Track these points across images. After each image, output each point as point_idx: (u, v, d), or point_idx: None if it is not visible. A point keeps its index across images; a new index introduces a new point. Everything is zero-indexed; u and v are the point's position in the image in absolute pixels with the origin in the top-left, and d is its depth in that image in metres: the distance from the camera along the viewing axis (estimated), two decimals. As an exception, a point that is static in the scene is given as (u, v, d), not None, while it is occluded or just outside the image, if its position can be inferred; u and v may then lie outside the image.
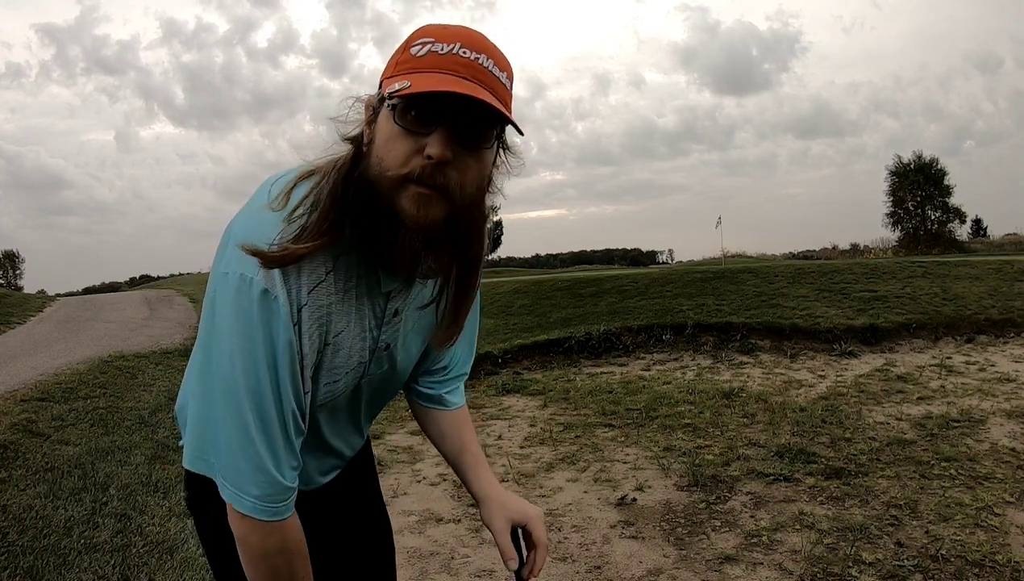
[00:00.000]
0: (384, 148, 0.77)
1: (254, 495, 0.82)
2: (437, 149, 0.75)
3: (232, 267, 0.79)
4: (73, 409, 5.11)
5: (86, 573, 2.61)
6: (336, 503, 1.10)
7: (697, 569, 2.66)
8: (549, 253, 71.92)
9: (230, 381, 0.80)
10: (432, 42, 0.77)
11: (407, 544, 3.02)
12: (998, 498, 3.11)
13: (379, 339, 0.93)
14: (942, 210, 32.66)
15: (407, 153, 0.76)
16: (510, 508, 1.02)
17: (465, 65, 0.76)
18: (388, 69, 0.80)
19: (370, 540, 1.20)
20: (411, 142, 0.76)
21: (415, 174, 0.76)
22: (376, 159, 0.78)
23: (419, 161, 0.76)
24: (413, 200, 0.77)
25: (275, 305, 0.78)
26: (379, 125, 0.79)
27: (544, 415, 5.24)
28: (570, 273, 17.63)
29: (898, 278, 9.01)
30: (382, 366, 0.97)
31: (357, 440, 1.11)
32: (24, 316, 12.32)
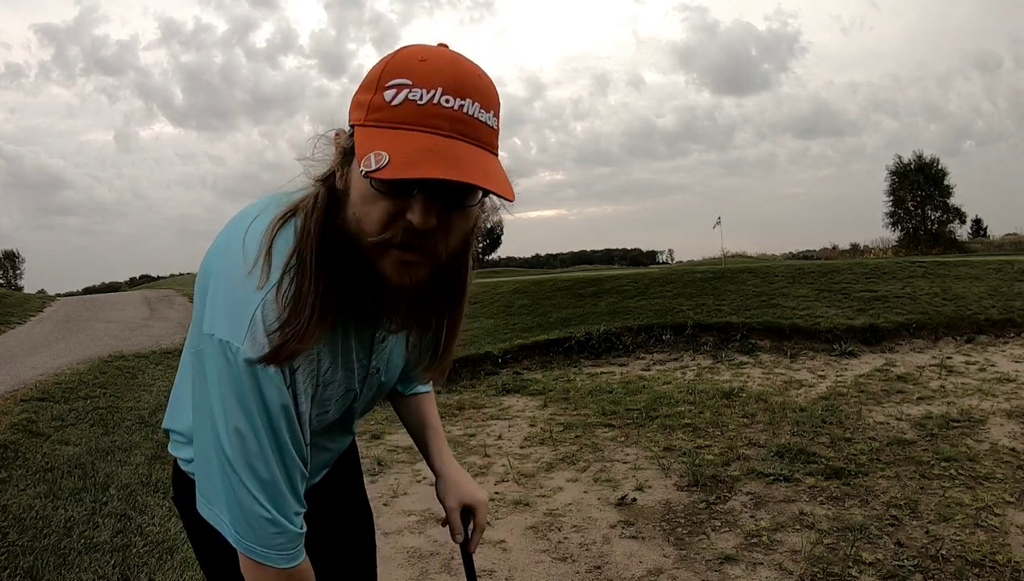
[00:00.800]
0: (361, 208, 0.72)
1: (266, 546, 0.82)
2: (419, 217, 0.70)
3: (217, 330, 0.76)
4: (73, 409, 5.11)
5: (86, 573, 2.61)
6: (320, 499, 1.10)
7: (697, 569, 2.66)
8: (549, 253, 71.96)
9: (228, 447, 0.78)
10: (410, 86, 0.68)
11: (407, 544, 3.02)
12: (998, 498, 3.11)
13: (370, 367, 0.94)
14: (942, 210, 32.67)
15: (386, 218, 0.71)
16: (464, 490, 1.12)
17: (448, 118, 0.68)
18: (358, 109, 0.72)
19: (352, 536, 1.20)
20: (390, 205, 0.70)
21: (396, 240, 0.71)
22: (353, 216, 0.73)
23: (400, 225, 0.71)
24: (395, 267, 0.74)
25: (264, 373, 0.75)
26: (353, 178, 0.72)
27: (544, 415, 5.24)
28: (570, 273, 17.64)
29: (898, 278, 9.01)
30: (373, 387, 0.99)
31: (345, 441, 1.12)
32: (24, 316, 12.32)
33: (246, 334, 0.75)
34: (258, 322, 0.75)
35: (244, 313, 0.76)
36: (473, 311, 6.05)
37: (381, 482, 3.86)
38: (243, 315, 0.75)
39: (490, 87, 0.73)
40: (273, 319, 0.76)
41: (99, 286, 57.46)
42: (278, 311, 0.76)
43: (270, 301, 0.76)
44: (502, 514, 3.33)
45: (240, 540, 0.81)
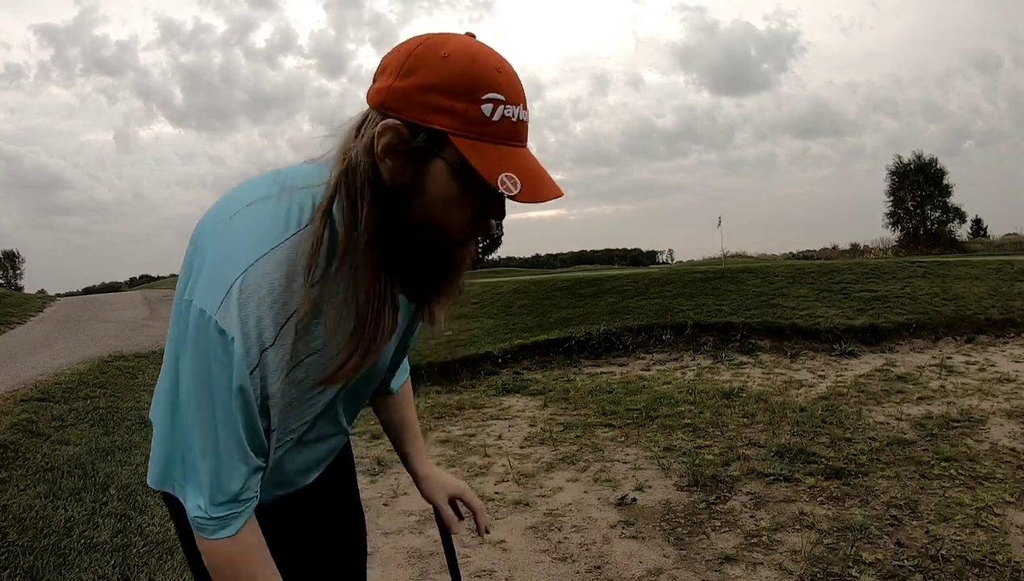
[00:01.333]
0: (445, 208, 0.78)
1: (212, 515, 0.82)
2: (502, 212, 0.82)
3: (196, 298, 0.77)
4: (73, 409, 5.11)
5: (86, 573, 2.61)
6: (313, 502, 1.10)
7: (697, 569, 2.66)
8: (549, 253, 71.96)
9: (189, 408, 0.80)
10: (504, 102, 0.75)
11: (407, 544, 3.02)
12: (998, 498, 3.11)
13: None
14: (942, 210, 32.65)
15: (473, 216, 0.80)
16: (447, 485, 1.21)
17: (524, 130, 0.79)
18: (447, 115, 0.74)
19: (343, 541, 1.20)
20: (477, 206, 0.79)
21: (478, 233, 0.83)
22: (429, 214, 0.79)
23: (482, 221, 0.82)
24: (471, 252, 0.87)
25: (230, 347, 0.75)
26: (436, 180, 0.76)
27: (544, 415, 5.24)
28: (570, 273, 17.64)
29: (898, 278, 9.01)
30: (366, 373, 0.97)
31: (337, 441, 1.11)
32: (24, 316, 12.32)
33: (221, 304, 0.75)
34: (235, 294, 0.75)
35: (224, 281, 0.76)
36: (473, 311, 6.11)
37: (381, 482, 3.86)
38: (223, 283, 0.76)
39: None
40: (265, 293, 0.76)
41: (99, 286, 57.49)
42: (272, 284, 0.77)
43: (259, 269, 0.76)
44: (502, 514, 3.33)
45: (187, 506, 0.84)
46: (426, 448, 1.25)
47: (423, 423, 5.05)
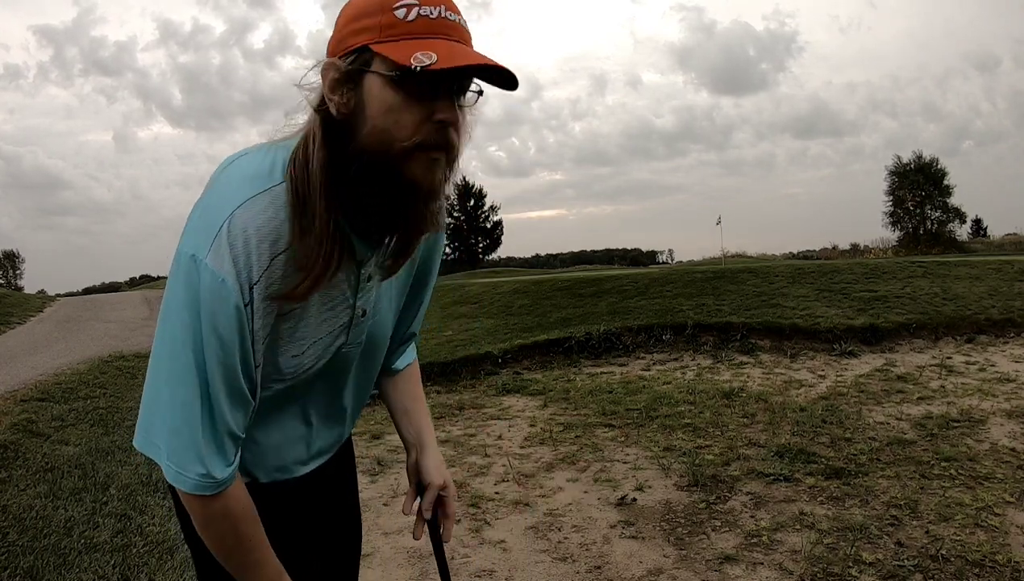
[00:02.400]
0: (387, 118, 0.77)
1: (195, 473, 0.82)
2: (450, 114, 0.78)
3: (185, 247, 0.79)
4: (73, 409, 5.12)
5: (86, 573, 2.61)
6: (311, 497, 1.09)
7: (697, 569, 2.66)
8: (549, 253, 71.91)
9: (176, 358, 0.80)
10: (418, 5, 0.77)
11: (407, 544, 3.02)
12: (998, 498, 3.11)
13: (356, 306, 0.93)
14: (942, 210, 32.69)
15: (418, 121, 0.77)
16: (445, 474, 1.15)
17: (454, 28, 0.78)
18: (363, 33, 0.77)
19: (339, 538, 1.19)
20: (420, 109, 0.77)
21: (429, 140, 0.78)
22: (373, 130, 0.77)
23: (430, 127, 0.77)
24: (424, 166, 0.79)
25: (223, 288, 0.77)
26: (371, 94, 0.77)
27: (544, 415, 5.24)
28: (570, 273, 17.64)
29: (898, 278, 9.02)
30: (361, 334, 0.97)
31: (339, 429, 1.10)
32: (24, 316, 12.33)
33: (211, 245, 0.77)
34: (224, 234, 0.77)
35: (213, 224, 0.78)
36: (473, 311, 6.11)
37: (381, 482, 3.86)
38: (212, 226, 0.78)
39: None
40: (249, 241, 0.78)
41: (99, 286, 57.46)
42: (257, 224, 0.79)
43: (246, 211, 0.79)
44: (502, 514, 3.33)
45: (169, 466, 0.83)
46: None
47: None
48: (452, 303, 10.66)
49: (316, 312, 0.89)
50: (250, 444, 0.96)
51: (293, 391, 0.95)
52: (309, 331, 0.90)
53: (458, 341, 7.87)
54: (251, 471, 0.98)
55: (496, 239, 47.09)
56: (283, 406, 0.97)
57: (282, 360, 0.89)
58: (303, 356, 0.90)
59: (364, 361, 1.04)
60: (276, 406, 0.96)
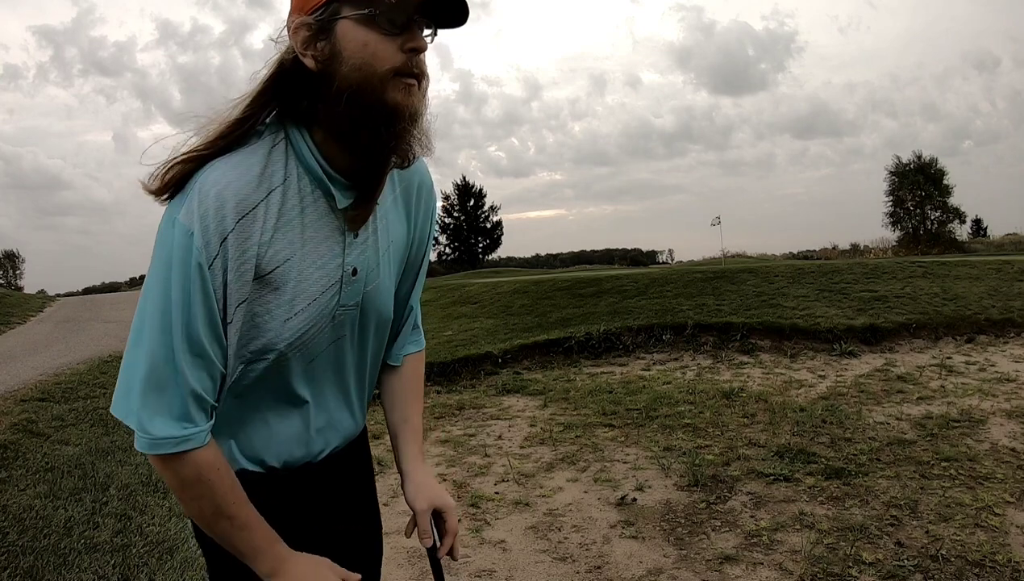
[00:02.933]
0: (364, 52, 0.83)
1: (155, 435, 0.83)
2: (421, 41, 0.85)
3: (167, 211, 0.85)
4: (73, 409, 5.12)
5: (86, 573, 2.61)
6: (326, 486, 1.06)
7: (697, 569, 2.66)
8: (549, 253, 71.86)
9: (146, 316, 0.83)
10: None
11: (407, 544, 3.02)
12: (998, 498, 3.11)
13: (345, 264, 0.93)
14: (942, 210, 32.68)
15: (391, 51, 0.84)
16: (433, 493, 1.11)
17: None
18: None
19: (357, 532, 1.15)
20: (391, 42, 0.84)
21: (403, 67, 0.85)
22: (353, 68, 0.84)
23: (401, 56, 0.84)
24: (404, 91, 0.85)
25: (190, 241, 0.80)
26: (346, 37, 0.84)
27: (544, 415, 5.24)
28: (570, 273, 17.64)
29: (898, 278, 9.02)
30: (356, 295, 0.97)
31: (348, 412, 1.07)
32: (24, 316, 12.33)
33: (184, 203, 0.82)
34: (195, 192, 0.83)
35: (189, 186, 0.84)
36: (473, 311, 6.10)
37: (381, 482, 3.86)
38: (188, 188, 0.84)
39: None
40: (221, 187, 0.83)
41: (99, 286, 57.37)
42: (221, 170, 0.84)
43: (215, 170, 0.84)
44: (502, 514, 3.33)
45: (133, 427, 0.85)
46: (424, 449, 1.20)
47: (423, 423, 5.04)
48: (452, 303, 10.66)
49: (304, 271, 0.90)
50: (260, 427, 0.96)
51: (296, 367, 0.95)
52: (300, 291, 0.90)
53: (458, 341, 7.87)
54: (262, 456, 0.98)
55: (496, 239, 47.07)
56: (288, 385, 0.97)
57: (274, 324, 0.89)
58: (295, 319, 0.90)
59: (366, 332, 1.03)
60: (281, 385, 0.96)
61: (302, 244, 0.89)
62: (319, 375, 1.00)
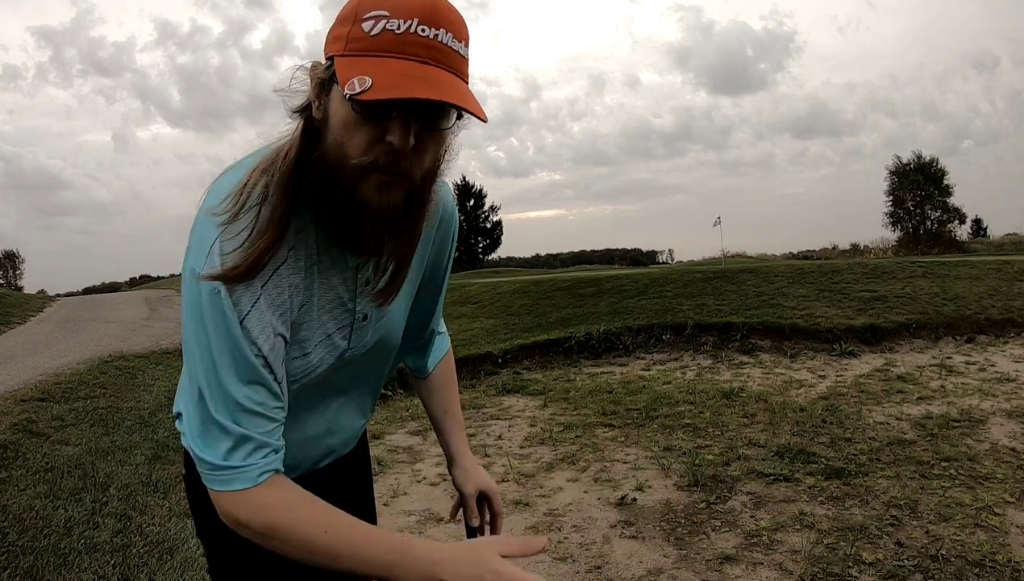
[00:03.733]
0: (342, 133, 0.75)
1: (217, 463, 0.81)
2: (399, 138, 0.74)
3: (188, 262, 0.81)
4: (73, 409, 5.12)
5: (86, 573, 2.61)
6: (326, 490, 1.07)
7: (697, 569, 2.66)
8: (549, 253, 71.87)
9: (192, 365, 0.82)
10: (387, 17, 0.72)
11: (407, 544, 3.02)
12: (998, 498, 3.11)
13: (356, 311, 0.93)
14: (942, 210, 32.66)
15: (368, 141, 0.75)
16: (480, 478, 1.18)
17: (424, 46, 0.72)
18: (336, 42, 0.76)
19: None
20: (371, 130, 0.74)
21: (379, 162, 0.75)
22: (334, 142, 0.76)
23: (381, 148, 0.75)
24: (375, 188, 0.77)
25: (218, 298, 0.78)
26: (333, 105, 0.77)
27: (544, 415, 5.24)
28: (570, 273, 17.63)
29: (898, 278, 9.02)
30: (364, 338, 0.96)
31: (353, 425, 1.09)
32: (24, 316, 12.33)
33: (206, 258, 0.79)
34: (215, 247, 0.79)
35: (206, 241, 0.80)
36: (473, 311, 6.10)
37: (381, 482, 3.86)
38: (205, 243, 0.80)
39: (461, 19, 0.77)
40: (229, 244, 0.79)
41: (99, 286, 57.38)
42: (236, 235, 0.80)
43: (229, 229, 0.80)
44: (502, 514, 3.33)
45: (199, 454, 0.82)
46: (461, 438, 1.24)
47: (423, 423, 5.05)
48: (452, 303, 10.66)
49: (314, 316, 0.89)
50: None
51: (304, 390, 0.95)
52: (311, 334, 0.89)
53: (458, 341, 7.88)
54: None
55: (496, 239, 47.07)
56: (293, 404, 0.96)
57: (289, 363, 0.89)
58: (309, 357, 0.90)
59: (373, 361, 1.03)
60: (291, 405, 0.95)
61: (318, 287, 0.88)
62: (323, 395, 1.00)
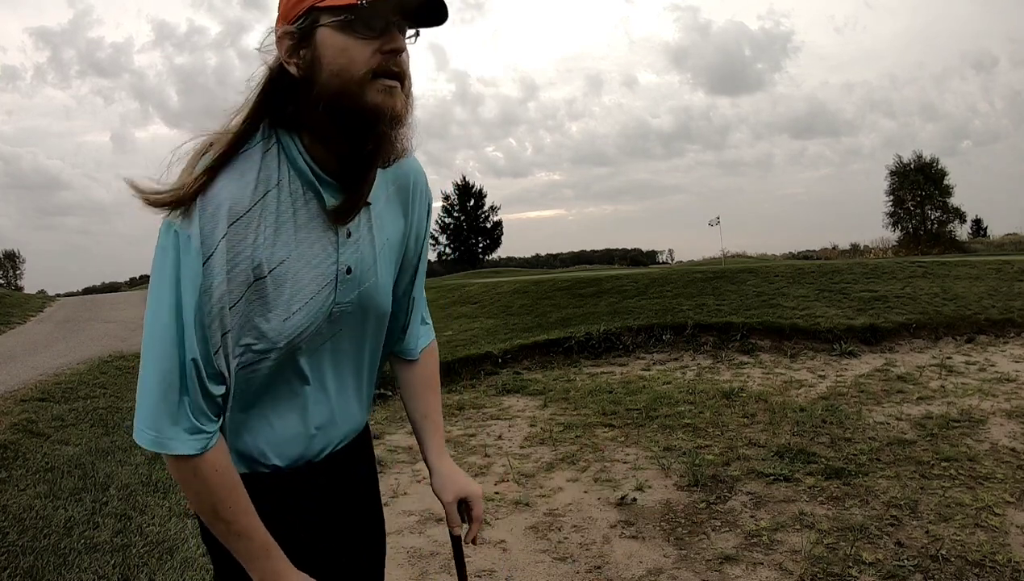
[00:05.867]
0: (342, 57, 0.85)
1: (155, 431, 0.85)
2: (399, 43, 0.86)
3: (164, 224, 0.86)
4: (73, 409, 5.12)
5: (86, 573, 2.61)
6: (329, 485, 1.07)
7: (697, 569, 2.66)
8: (549, 253, 71.84)
9: (148, 324, 0.85)
10: None
11: (407, 544, 3.02)
12: (998, 498, 3.11)
13: (339, 261, 0.95)
14: (942, 210, 32.65)
15: (368, 54, 0.85)
16: (458, 484, 1.17)
17: None
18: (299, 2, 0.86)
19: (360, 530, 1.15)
20: (369, 45, 0.85)
21: (381, 69, 0.86)
22: (332, 72, 0.85)
23: (378, 58, 0.85)
24: (383, 92, 0.86)
25: (187, 244, 0.82)
26: (325, 44, 0.85)
27: (544, 415, 5.24)
28: (570, 273, 17.64)
29: (898, 278, 9.02)
30: (351, 293, 0.98)
31: (351, 409, 1.08)
32: (24, 316, 12.33)
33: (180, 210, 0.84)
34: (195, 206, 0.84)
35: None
36: (473, 311, 6.11)
37: (381, 482, 3.84)
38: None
39: None
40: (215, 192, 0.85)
41: (99, 286, 57.33)
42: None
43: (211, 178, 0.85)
44: (502, 514, 3.33)
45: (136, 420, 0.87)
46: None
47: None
48: (452, 303, 10.66)
49: (299, 270, 0.92)
50: (264, 427, 0.97)
51: (296, 366, 0.96)
52: (296, 291, 0.91)
53: (458, 341, 7.87)
54: (267, 454, 0.99)
55: (496, 239, 47.04)
56: (289, 384, 0.98)
57: (273, 323, 0.90)
58: (293, 318, 0.92)
59: (363, 328, 1.04)
60: (282, 385, 0.97)
61: (296, 244, 0.91)
62: (319, 373, 1.01)
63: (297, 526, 1.00)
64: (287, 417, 0.99)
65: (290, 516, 0.99)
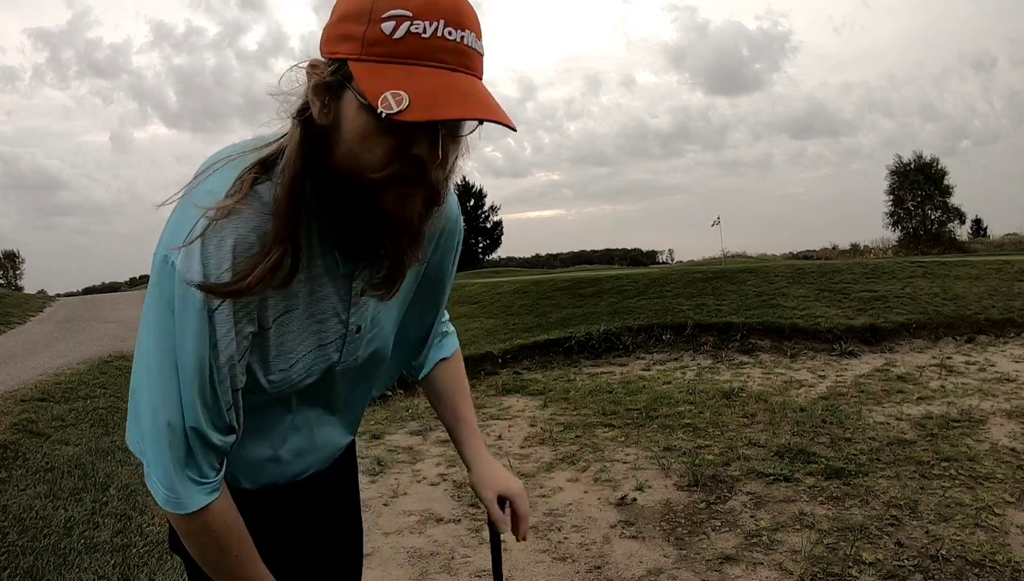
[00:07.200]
0: (360, 145, 0.70)
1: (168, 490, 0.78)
2: (430, 153, 0.71)
3: (160, 248, 0.76)
4: (73, 409, 5.11)
5: (86, 573, 2.61)
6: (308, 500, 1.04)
7: (697, 569, 2.66)
8: (549, 253, 71.81)
9: (148, 365, 0.76)
10: (411, 19, 0.66)
11: (407, 544, 3.02)
12: (998, 498, 3.11)
13: (349, 323, 0.89)
14: (942, 210, 32.63)
15: (390, 154, 0.70)
16: (499, 480, 1.09)
17: (452, 52, 0.68)
18: (347, 42, 0.69)
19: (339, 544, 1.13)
20: (395, 141, 0.70)
21: (402, 175, 0.72)
22: (348, 153, 0.71)
23: (404, 160, 0.71)
24: (397, 199, 0.73)
25: (189, 291, 0.73)
26: (347, 115, 0.71)
27: (544, 415, 5.24)
28: (570, 273, 17.63)
29: (898, 278, 9.01)
30: (356, 351, 0.93)
31: (334, 437, 1.05)
32: (24, 316, 12.33)
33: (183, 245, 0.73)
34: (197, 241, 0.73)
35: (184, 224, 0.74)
36: (473, 311, 6.12)
37: (381, 482, 3.86)
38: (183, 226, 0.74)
39: (476, 14, 0.73)
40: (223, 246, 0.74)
41: (99, 286, 57.32)
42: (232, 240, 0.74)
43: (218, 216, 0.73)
44: (502, 514, 3.33)
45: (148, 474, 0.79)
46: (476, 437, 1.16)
47: (423, 423, 5.05)
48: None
49: (302, 325, 0.85)
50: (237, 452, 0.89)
51: (282, 402, 0.91)
52: (298, 343, 0.85)
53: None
54: (237, 478, 0.93)
55: (496, 239, 47.02)
56: (273, 416, 0.93)
57: (269, 376, 0.85)
58: (290, 370, 0.86)
59: (361, 376, 1.00)
60: (265, 415, 0.91)
61: (308, 294, 0.83)
62: (305, 405, 0.96)
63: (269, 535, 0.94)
64: (262, 446, 0.94)
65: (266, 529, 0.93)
